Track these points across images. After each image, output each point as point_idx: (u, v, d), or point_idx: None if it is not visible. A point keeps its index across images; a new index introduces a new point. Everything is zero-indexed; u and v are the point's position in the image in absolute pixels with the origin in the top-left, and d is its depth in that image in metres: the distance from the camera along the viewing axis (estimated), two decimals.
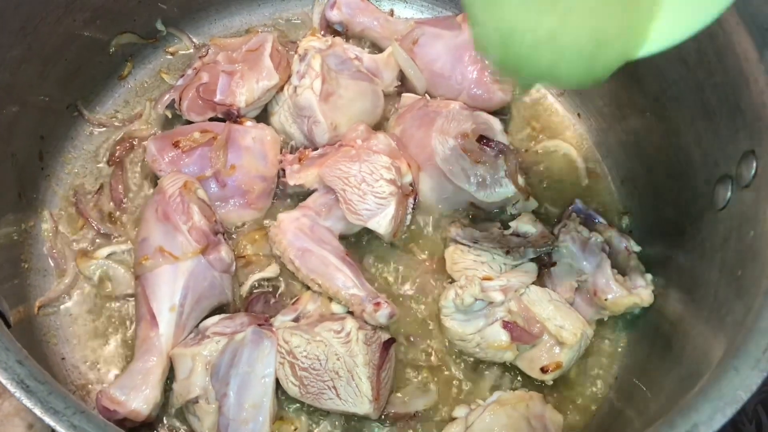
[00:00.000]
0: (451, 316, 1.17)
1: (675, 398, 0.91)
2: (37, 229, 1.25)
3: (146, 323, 1.12)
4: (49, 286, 1.22)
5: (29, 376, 0.73)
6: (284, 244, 1.20)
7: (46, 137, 1.27)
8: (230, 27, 1.48)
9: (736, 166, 1.05)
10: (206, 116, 1.31)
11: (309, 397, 1.10)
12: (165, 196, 1.16)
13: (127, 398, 1.07)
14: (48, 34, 1.18)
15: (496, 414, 1.09)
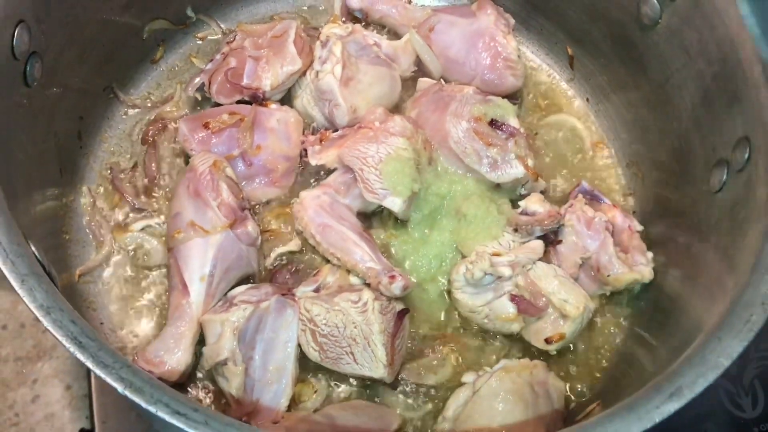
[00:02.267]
0: (462, 289, 1.24)
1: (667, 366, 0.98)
2: (77, 203, 1.33)
3: (178, 292, 1.20)
4: (88, 256, 1.30)
5: (81, 334, 0.81)
6: (306, 220, 1.27)
7: (84, 117, 1.35)
8: (256, 14, 1.54)
9: (732, 151, 1.11)
10: (234, 99, 1.38)
11: (328, 361, 1.17)
12: (196, 173, 1.24)
13: (162, 359, 1.15)
14: (87, 21, 1.25)
15: (502, 380, 1.15)
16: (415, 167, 1.25)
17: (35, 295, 0.83)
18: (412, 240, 1.31)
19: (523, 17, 1.53)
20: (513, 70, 1.42)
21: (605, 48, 1.43)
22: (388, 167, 1.24)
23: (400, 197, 1.23)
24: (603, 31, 1.41)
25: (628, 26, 1.34)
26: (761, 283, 0.92)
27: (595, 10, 1.40)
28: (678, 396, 0.85)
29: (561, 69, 1.56)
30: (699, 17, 1.15)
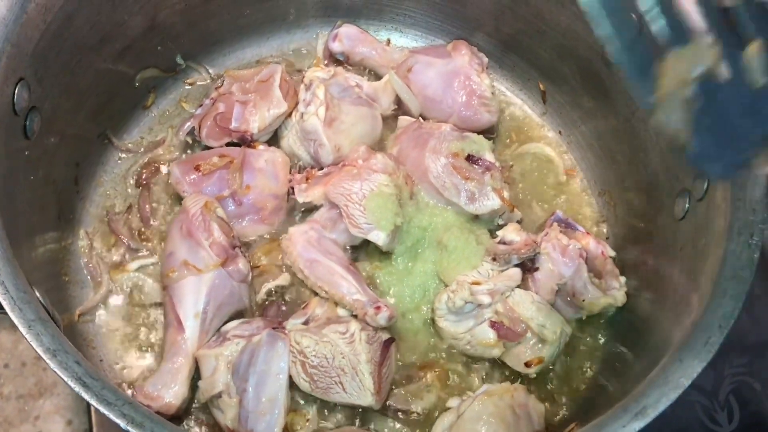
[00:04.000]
0: (444, 317, 1.29)
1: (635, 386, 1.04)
2: (75, 246, 1.38)
3: (174, 328, 1.25)
4: (87, 296, 1.35)
5: (85, 374, 0.87)
6: (294, 255, 1.33)
7: (80, 164, 1.40)
8: (243, 59, 1.60)
9: (693, 181, 1.18)
10: (223, 141, 1.44)
11: (318, 391, 1.22)
12: (188, 214, 1.29)
13: (160, 394, 1.20)
14: (82, 72, 1.31)
15: (484, 404, 1.20)
16: (397, 202, 1.31)
17: (42, 340, 0.89)
18: (396, 271, 1.37)
19: (497, 56, 1.60)
20: (487, 107, 1.48)
21: (575, 83, 1.50)
22: (371, 203, 1.30)
23: (383, 231, 1.29)
24: (572, 67, 1.48)
25: (595, 63, 1.41)
26: (719, 307, 0.99)
27: (564, 48, 1.46)
28: (642, 415, 0.92)
29: (534, 103, 1.62)
30: None
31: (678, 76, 0.80)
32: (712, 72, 0.80)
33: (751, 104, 0.82)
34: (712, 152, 0.83)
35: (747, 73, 0.81)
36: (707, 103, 0.81)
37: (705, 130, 0.81)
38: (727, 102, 0.82)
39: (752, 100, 0.82)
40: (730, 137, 0.83)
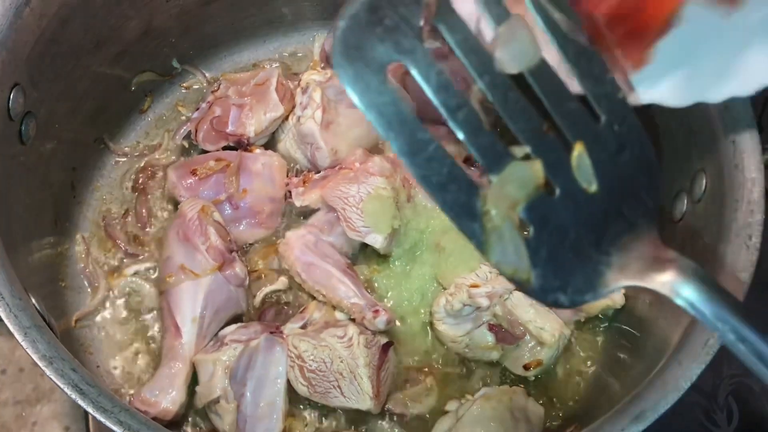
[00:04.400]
0: (443, 321, 1.29)
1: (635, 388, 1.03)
2: (71, 251, 1.38)
3: (171, 333, 1.25)
4: (84, 301, 1.35)
5: (82, 381, 0.86)
6: (292, 259, 1.32)
7: (77, 168, 1.40)
8: (239, 62, 1.59)
9: (690, 183, 1.18)
10: (219, 145, 1.44)
11: (317, 395, 1.22)
12: (185, 219, 1.29)
13: (157, 399, 1.20)
14: (79, 77, 1.30)
15: (483, 407, 1.20)
16: (394, 205, 1.31)
17: (38, 347, 0.89)
18: (394, 274, 1.37)
19: None
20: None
21: None
22: (368, 206, 1.29)
23: (381, 234, 1.29)
24: None
25: None
26: None
27: None
28: (641, 418, 0.91)
29: None
30: None
31: (503, 205, 0.73)
32: (539, 191, 0.74)
33: (588, 214, 0.77)
34: (556, 282, 0.76)
35: (578, 181, 0.76)
36: (541, 227, 0.75)
37: (543, 258, 0.75)
38: (562, 220, 0.76)
39: (590, 210, 0.77)
40: (572, 259, 0.77)
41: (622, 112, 0.78)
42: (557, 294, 0.77)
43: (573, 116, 0.75)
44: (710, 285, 0.75)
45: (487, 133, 0.71)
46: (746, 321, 0.73)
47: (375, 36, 0.67)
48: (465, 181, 0.71)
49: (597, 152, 0.76)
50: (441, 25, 0.70)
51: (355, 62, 0.67)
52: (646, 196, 0.80)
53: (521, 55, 0.72)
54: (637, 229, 0.80)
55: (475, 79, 0.72)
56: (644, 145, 0.79)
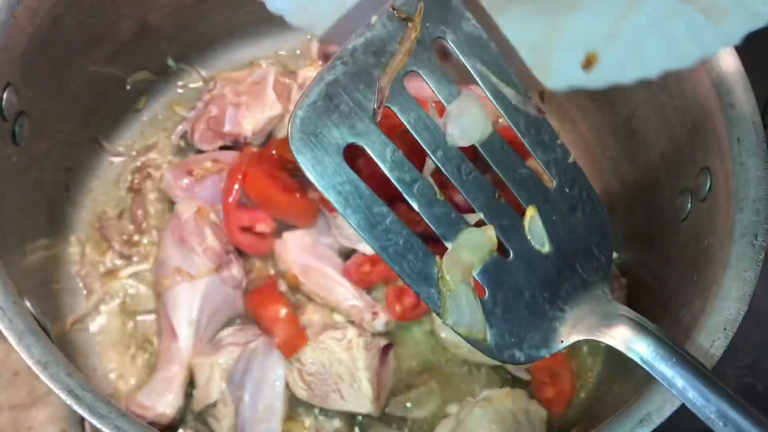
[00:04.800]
0: (445, 327, 1.26)
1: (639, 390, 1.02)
2: (66, 253, 1.36)
3: (167, 336, 1.23)
4: (79, 304, 1.33)
5: (77, 386, 0.85)
6: (289, 261, 1.31)
7: (71, 169, 1.38)
8: (235, 60, 1.57)
9: (694, 181, 1.16)
10: (216, 145, 1.42)
11: (316, 399, 1.21)
12: (180, 220, 1.28)
13: (153, 404, 1.18)
14: (73, 76, 1.28)
15: (485, 409, 1.18)
16: None
17: (32, 351, 0.87)
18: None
19: None
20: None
21: None
22: None
23: None
24: None
25: None
26: (722, 310, 0.97)
27: None
28: (647, 421, 0.90)
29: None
30: None
31: (458, 270, 0.78)
32: (493, 254, 0.79)
33: (542, 273, 0.81)
34: (511, 340, 0.80)
35: (531, 243, 0.81)
36: (496, 289, 0.79)
37: (499, 318, 0.79)
38: (516, 280, 0.80)
39: (543, 269, 0.81)
40: (527, 317, 0.81)
41: (572, 175, 0.83)
42: (513, 350, 0.80)
43: (524, 182, 0.81)
44: (661, 340, 0.78)
45: (441, 204, 0.77)
46: (698, 376, 0.76)
47: (331, 122, 0.73)
48: (421, 250, 0.76)
49: (549, 214, 0.81)
50: (394, 106, 0.75)
51: (313, 147, 0.72)
52: (599, 253, 0.85)
53: (472, 129, 0.78)
54: (590, 285, 0.84)
55: (429, 154, 0.77)
56: (595, 204, 0.85)
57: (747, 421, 0.74)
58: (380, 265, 1.27)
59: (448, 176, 0.77)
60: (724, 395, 0.75)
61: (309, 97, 0.73)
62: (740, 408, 0.74)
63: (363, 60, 0.74)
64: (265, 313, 1.24)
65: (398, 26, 0.75)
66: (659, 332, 0.79)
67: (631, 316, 0.81)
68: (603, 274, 0.85)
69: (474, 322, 0.79)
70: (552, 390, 1.27)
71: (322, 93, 0.73)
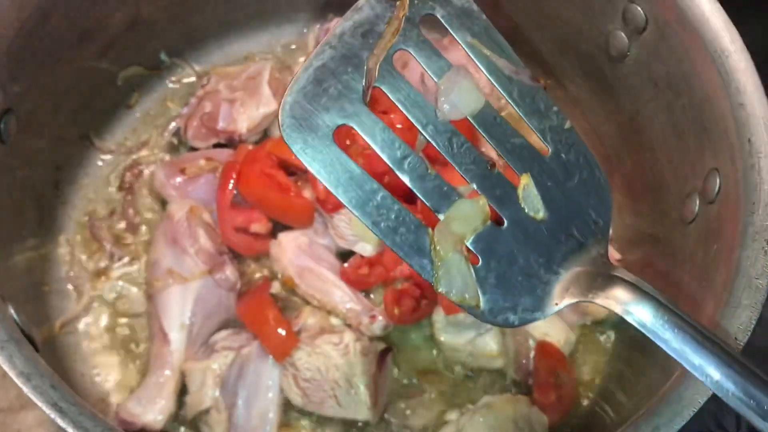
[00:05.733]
0: (444, 330, 1.24)
1: (645, 401, 0.99)
2: (55, 254, 1.32)
3: (159, 340, 1.20)
4: (68, 306, 1.29)
5: (61, 399, 0.81)
6: (284, 262, 1.27)
7: (61, 167, 1.35)
8: (230, 54, 1.53)
9: (703, 182, 1.13)
10: (210, 142, 1.39)
11: (312, 405, 1.18)
12: (173, 221, 1.24)
13: (144, 410, 1.15)
14: (62, 72, 1.24)
15: (485, 417, 1.16)
16: None
17: (15, 362, 0.84)
18: None
19: None
20: None
21: (577, 80, 1.44)
22: None
23: (369, 243, 1.24)
24: (573, 63, 1.43)
25: (597, 59, 1.35)
26: (733, 318, 0.94)
27: (564, 42, 1.41)
28: None
29: None
30: (666, 50, 1.17)
31: (451, 240, 0.79)
32: (486, 224, 0.80)
33: (537, 240, 0.82)
34: (505, 304, 0.81)
35: (525, 210, 0.81)
36: (489, 257, 0.80)
37: (492, 285, 0.80)
38: (510, 248, 0.81)
39: (538, 235, 0.82)
40: (521, 282, 0.81)
41: (568, 141, 0.83)
42: (507, 314, 0.81)
43: (518, 151, 0.81)
44: (660, 303, 0.76)
45: (432, 178, 0.77)
46: (699, 338, 0.74)
47: (321, 105, 0.74)
48: (413, 223, 0.77)
49: (544, 181, 0.81)
50: (384, 86, 0.76)
51: (303, 132, 0.73)
52: (597, 216, 0.84)
53: (463, 103, 0.78)
54: (587, 249, 0.83)
55: (419, 129, 0.77)
56: (593, 168, 0.84)
57: (754, 385, 0.70)
58: (378, 268, 1.24)
59: (439, 150, 0.78)
60: (725, 356, 0.72)
61: (298, 82, 0.73)
62: (746, 371, 0.71)
63: (351, 43, 0.74)
64: (254, 316, 1.21)
65: (386, 6, 0.76)
66: (657, 294, 0.77)
67: (629, 279, 0.79)
68: (600, 237, 0.84)
69: (466, 289, 0.80)
70: (554, 394, 1.23)
71: (310, 78, 0.73)
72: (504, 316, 0.81)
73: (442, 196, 0.78)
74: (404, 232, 0.77)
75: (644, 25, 1.17)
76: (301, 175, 1.31)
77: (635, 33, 1.20)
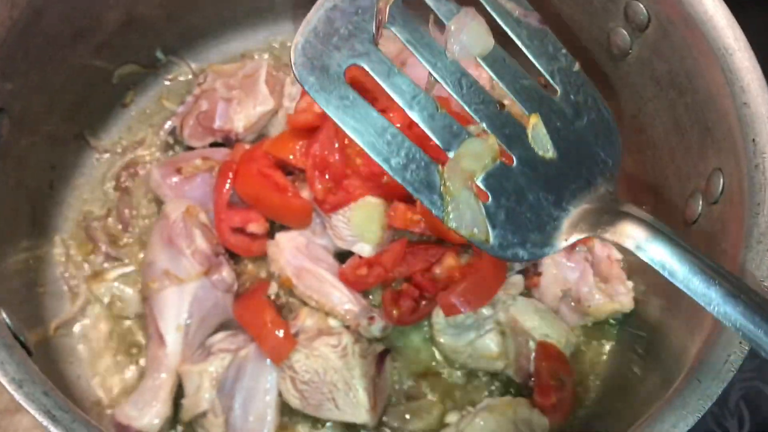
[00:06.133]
0: (443, 331, 1.22)
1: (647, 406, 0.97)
2: (50, 255, 1.31)
3: (155, 342, 1.19)
4: (64, 308, 1.28)
5: (55, 406, 0.80)
6: (282, 263, 1.26)
7: (55, 166, 1.33)
8: (227, 52, 1.52)
9: (706, 182, 1.11)
10: (206, 141, 1.37)
11: (310, 408, 1.16)
12: (169, 221, 1.23)
13: (140, 414, 1.14)
14: (56, 70, 1.23)
15: (486, 420, 1.15)
16: (383, 213, 1.24)
17: (6, 369, 0.83)
18: None
19: None
20: None
21: None
22: (355, 215, 1.22)
23: (369, 244, 1.23)
24: None
25: (599, 57, 1.33)
26: None
27: (565, 40, 1.38)
28: None
29: None
30: (668, 49, 1.15)
31: (460, 177, 0.82)
32: (496, 162, 0.83)
33: (546, 178, 0.84)
34: (515, 239, 0.84)
35: (534, 149, 0.84)
36: (498, 194, 0.83)
37: (502, 220, 0.83)
38: (520, 185, 0.84)
39: (547, 174, 0.84)
40: (530, 218, 0.84)
41: (577, 82, 0.86)
42: (516, 249, 0.84)
43: (527, 92, 0.84)
44: (678, 243, 0.79)
45: (442, 116, 0.80)
46: (719, 276, 0.77)
47: (332, 45, 0.76)
48: (423, 159, 0.80)
49: (553, 121, 0.85)
50: (394, 27, 0.78)
51: (315, 72, 0.76)
52: (606, 156, 0.88)
53: (473, 44, 0.81)
54: (596, 187, 0.87)
55: (429, 70, 0.80)
56: (601, 109, 0.88)
57: None
58: (377, 268, 1.22)
59: (449, 90, 0.80)
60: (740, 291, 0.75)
61: (309, 24, 0.75)
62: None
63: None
64: (251, 318, 1.19)
65: None
66: (668, 230, 0.80)
67: (639, 215, 0.81)
68: (609, 176, 0.87)
69: (476, 224, 0.82)
70: (555, 396, 1.22)
71: (321, 19, 0.75)
72: (513, 251, 0.84)
73: (452, 134, 0.80)
74: (415, 169, 0.79)
75: (646, 23, 1.15)
76: (298, 175, 1.29)
77: (637, 30, 1.18)
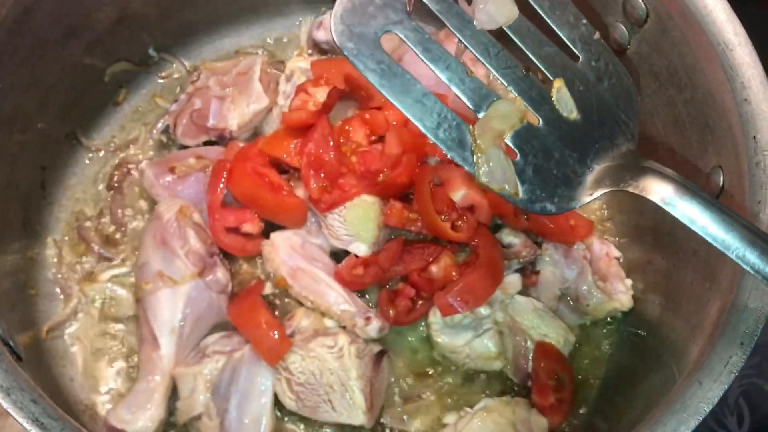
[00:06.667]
0: (441, 331, 1.21)
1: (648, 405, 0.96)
2: (42, 256, 1.29)
3: (149, 344, 1.17)
4: (56, 310, 1.27)
5: (43, 414, 0.79)
6: (277, 263, 1.24)
7: (47, 167, 1.32)
8: (220, 49, 1.51)
9: (706, 179, 1.10)
10: (200, 140, 1.35)
11: (306, 410, 1.15)
12: (162, 221, 1.21)
13: (134, 417, 1.12)
14: (47, 67, 1.22)
15: (484, 420, 1.14)
16: (380, 212, 1.22)
17: None
18: None
19: None
20: None
21: None
22: (351, 214, 1.21)
23: (365, 243, 1.21)
24: None
25: None
26: (739, 322, 0.91)
27: None
28: None
29: None
30: (667, 44, 1.14)
31: (490, 135, 0.88)
32: (523, 122, 0.89)
33: (570, 137, 0.91)
34: (543, 194, 0.90)
35: (558, 111, 0.91)
36: (526, 151, 0.89)
37: (530, 176, 0.90)
38: (546, 144, 0.90)
39: (572, 134, 0.91)
40: (557, 174, 0.90)
41: (597, 49, 0.94)
42: (545, 203, 0.91)
43: (551, 58, 0.91)
44: (699, 194, 0.84)
45: (471, 80, 0.87)
46: (738, 224, 0.81)
47: (368, 14, 0.84)
48: (455, 120, 0.87)
49: (576, 85, 0.92)
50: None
51: (354, 38, 0.83)
52: (626, 118, 0.95)
53: (498, 13, 0.88)
54: (618, 146, 0.94)
55: (458, 37, 0.88)
56: (621, 74, 0.95)
57: None
58: (373, 268, 1.21)
59: (477, 55, 0.87)
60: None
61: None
62: None
63: None
64: (246, 319, 1.18)
65: None
66: (679, 177, 0.86)
67: (658, 169, 0.87)
68: (630, 136, 0.94)
69: (506, 180, 0.89)
70: (554, 396, 1.21)
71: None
72: (542, 204, 0.90)
73: (482, 96, 0.87)
74: (447, 128, 0.86)
75: (645, 18, 1.14)
76: (293, 174, 1.27)
77: (636, 26, 1.17)
